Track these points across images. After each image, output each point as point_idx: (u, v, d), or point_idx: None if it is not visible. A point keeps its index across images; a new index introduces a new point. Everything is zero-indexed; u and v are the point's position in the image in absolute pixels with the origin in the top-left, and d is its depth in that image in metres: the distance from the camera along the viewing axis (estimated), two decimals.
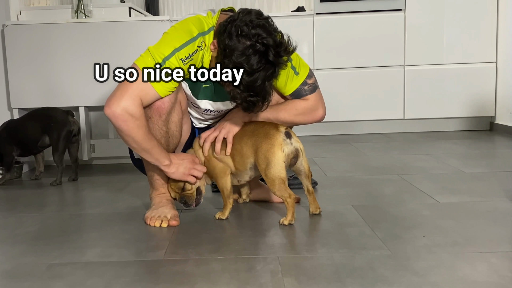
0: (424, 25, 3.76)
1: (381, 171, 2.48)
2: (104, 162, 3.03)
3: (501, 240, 1.46)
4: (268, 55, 1.48)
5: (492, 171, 2.38)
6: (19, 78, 2.79)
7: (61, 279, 1.29)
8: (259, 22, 1.50)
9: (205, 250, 1.46)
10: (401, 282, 1.19)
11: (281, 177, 1.62)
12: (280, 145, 1.62)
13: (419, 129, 3.90)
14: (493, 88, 3.79)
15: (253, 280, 1.24)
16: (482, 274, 1.22)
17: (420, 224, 1.63)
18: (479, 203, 1.84)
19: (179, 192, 1.75)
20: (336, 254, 1.38)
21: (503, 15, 3.68)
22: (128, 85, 1.56)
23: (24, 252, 1.51)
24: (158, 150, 1.64)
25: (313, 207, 1.76)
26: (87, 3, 3.90)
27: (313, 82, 1.76)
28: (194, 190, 1.76)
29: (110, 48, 2.77)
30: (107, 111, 1.54)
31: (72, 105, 2.83)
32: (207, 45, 1.61)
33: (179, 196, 1.76)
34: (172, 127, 1.71)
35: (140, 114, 1.56)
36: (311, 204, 1.76)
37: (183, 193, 1.75)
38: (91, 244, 1.57)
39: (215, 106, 1.77)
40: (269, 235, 1.58)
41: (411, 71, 3.81)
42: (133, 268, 1.35)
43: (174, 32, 1.61)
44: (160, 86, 1.58)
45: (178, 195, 1.76)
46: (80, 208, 2.02)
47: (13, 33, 2.77)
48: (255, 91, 1.51)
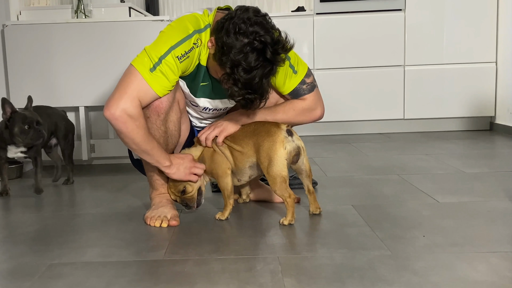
0: (424, 25, 3.77)
1: (381, 171, 2.48)
2: (104, 162, 3.03)
3: (501, 240, 1.46)
4: (265, 52, 1.49)
5: (492, 171, 2.38)
6: (19, 78, 2.79)
7: (61, 279, 1.29)
8: (257, 20, 1.50)
9: (205, 250, 1.46)
10: (401, 282, 1.19)
11: (283, 176, 1.62)
12: (282, 142, 1.62)
13: (419, 129, 3.90)
14: (493, 88, 3.79)
15: (253, 280, 1.24)
16: (482, 274, 1.22)
17: (420, 224, 1.63)
18: (479, 203, 1.84)
19: (180, 196, 1.75)
20: (336, 254, 1.38)
21: (503, 15, 3.68)
22: (126, 87, 1.56)
23: (24, 252, 1.51)
24: (158, 152, 1.64)
25: (313, 207, 1.76)
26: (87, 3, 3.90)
27: (311, 81, 1.77)
28: (195, 191, 1.75)
29: (110, 48, 2.77)
30: (106, 113, 1.54)
31: (72, 105, 2.83)
32: (203, 43, 1.61)
33: (180, 199, 1.76)
34: (170, 126, 1.71)
35: (139, 115, 1.57)
36: (312, 204, 1.77)
37: (184, 196, 1.75)
38: (91, 244, 1.57)
39: (213, 104, 1.78)
40: (269, 235, 1.58)
41: (411, 71, 3.81)
42: (133, 268, 1.35)
43: (170, 31, 1.61)
44: (158, 86, 1.58)
45: (178, 198, 1.76)
46: (80, 208, 2.02)
47: (13, 33, 2.77)
48: (253, 88, 1.52)
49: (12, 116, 2.13)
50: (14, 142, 2.17)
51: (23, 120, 2.12)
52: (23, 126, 2.12)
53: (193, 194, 1.75)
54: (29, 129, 2.13)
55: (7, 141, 2.18)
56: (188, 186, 1.73)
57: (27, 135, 2.13)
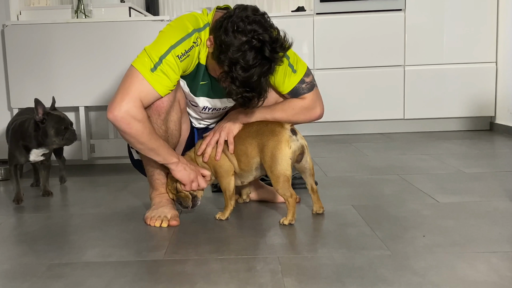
0: (424, 25, 3.77)
1: (381, 171, 2.48)
2: (104, 162, 3.03)
3: (501, 240, 1.46)
4: (264, 51, 1.49)
5: (492, 171, 2.38)
6: (19, 78, 2.79)
7: (61, 279, 1.29)
8: (255, 18, 1.51)
9: (205, 250, 1.46)
10: (401, 282, 1.19)
11: (287, 175, 1.63)
12: (287, 142, 1.62)
13: (419, 129, 3.90)
14: (493, 88, 3.79)
15: (253, 280, 1.24)
16: (482, 274, 1.22)
17: (420, 224, 1.63)
18: (479, 203, 1.84)
19: (175, 193, 1.76)
20: (336, 254, 1.38)
21: (503, 15, 3.68)
22: (127, 88, 1.56)
23: (24, 252, 1.51)
24: (165, 149, 1.64)
25: (317, 206, 1.76)
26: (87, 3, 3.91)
27: (310, 80, 1.77)
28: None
29: (110, 48, 2.77)
30: (110, 116, 1.54)
31: (72, 105, 2.83)
32: (203, 41, 1.61)
33: (175, 197, 1.77)
34: (171, 126, 1.71)
35: (143, 115, 1.57)
36: (315, 203, 1.77)
37: (179, 194, 1.75)
38: (91, 244, 1.57)
39: (212, 103, 1.78)
40: (269, 235, 1.58)
41: (411, 71, 3.81)
42: (133, 268, 1.35)
43: (169, 30, 1.61)
44: (160, 85, 1.58)
45: (174, 195, 1.77)
46: (80, 208, 2.02)
47: (13, 33, 2.77)
48: (251, 86, 1.52)
49: (46, 118, 2.05)
50: (44, 144, 2.08)
51: (59, 121, 2.07)
52: (60, 126, 2.06)
53: (187, 194, 1.75)
54: (65, 130, 2.07)
55: (35, 144, 2.09)
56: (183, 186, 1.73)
57: (63, 136, 2.07)
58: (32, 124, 2.08)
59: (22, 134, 2.10)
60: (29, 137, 2.08)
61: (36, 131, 2.07)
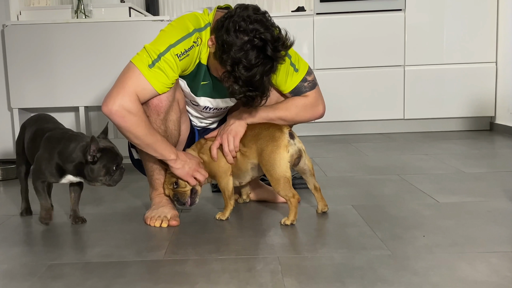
0: (424, 25, 3.77)
1: (381, 171, 2.48)
2: None
3: (501, 240, 1.46)
4: (266, 50, 1.49)
5: (492, 171, 2.38)
6: (19, 78, 2.79)
7: (61, 279, 1.29)
8: (257, 17, 1.51)
9: (205, 250, 1.46)
10: (401, 282, 1.19)
11: (287, 177, 1.63)
12: (286, 147, 1.63)
13: (419, 129, 3.90)
14: (493, 88, 3.79)
15: (253, 280, 1.24)
16: (482, 274, 1.22)
17: (420, 224, 1.63)
18: (479, 203, 1.84)
19: (172, 188, 1.74)
20: (336, 254, 1.38)
21: (503, 15, 3.68)
22: (124, 83, 1.56)
23: (24, 252, 1.51)
24: (162, 145, 1.64)
25: (322, 204, 1.76)
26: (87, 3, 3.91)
27: (312, 79, 1.77)
28: (188, 187, 1.74)
29: (110, 48, 2.77)
30: (104, 109, 1.55)
31: (72, 105, 2.83)
32: (203, 41, 1.61)
33: (172, 193, 1.75)
34: (170, 126, 1.71)
35: (138, 109, 1.56)
36: (319, 202, 1.76)
37: (176, 189, 1.74)
38: (91, 244, 1.57)
39: (214, 103, 1.78)
40: (269, 235, 1.58)
41: (411, 71, 3.81)
42: (133, 268, 1.35)
43: (170, 29, 1.62)
44: (157, 82, 1.58)
45: (171, 191, 1.75)
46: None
47: (13, 33, 2.77)
48: (254, 86, 1.52)
49: (97, 155, 1.66)
50: (86, 178, 1.71)
51: (112, 160, 1.69)
52: (112, 166, 1.68)
53: (186, 189, 1.74)
54: (116, 169, 1.70)
55: (75, 172, 1.71)
56: (182, 181, 1.72)
57: (111, 176, 1.69)
58: (80, 153, 1.68)
59: (62, 154, 1.69)
60: (70, 163, 1.69)
61: (82, 162, 1.68)
